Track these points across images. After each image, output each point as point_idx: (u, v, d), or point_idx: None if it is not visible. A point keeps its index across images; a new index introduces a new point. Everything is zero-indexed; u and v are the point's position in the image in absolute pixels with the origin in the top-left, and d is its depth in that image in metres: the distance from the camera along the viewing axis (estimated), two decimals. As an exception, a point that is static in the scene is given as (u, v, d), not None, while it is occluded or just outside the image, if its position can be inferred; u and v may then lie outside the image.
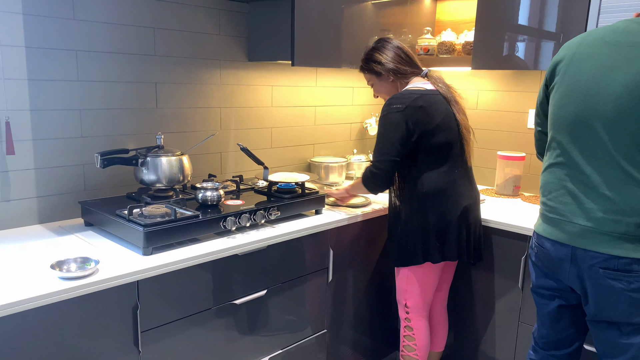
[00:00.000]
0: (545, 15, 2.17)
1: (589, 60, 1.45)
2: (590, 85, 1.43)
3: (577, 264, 1.47)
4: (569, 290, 1.56)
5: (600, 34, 1.46)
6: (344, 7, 2.24)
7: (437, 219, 1.88)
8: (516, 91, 2.59)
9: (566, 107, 1.49)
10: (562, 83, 1.51)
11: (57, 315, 1.30)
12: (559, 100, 1.51)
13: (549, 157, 1.57)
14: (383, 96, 2.02)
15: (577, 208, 1.45)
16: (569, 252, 1.48)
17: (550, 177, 1.55)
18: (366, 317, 2.30)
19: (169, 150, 1.91)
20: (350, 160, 2.76)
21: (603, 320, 1.47)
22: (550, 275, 1.58)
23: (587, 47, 1.47)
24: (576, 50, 1.49)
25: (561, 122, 1.50)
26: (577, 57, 1.48)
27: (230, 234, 1.75)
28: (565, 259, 1.49)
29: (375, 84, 2.01)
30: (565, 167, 1.49)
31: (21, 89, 1.71)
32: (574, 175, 1.47)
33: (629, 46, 1.38)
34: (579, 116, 1.45)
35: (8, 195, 1.73)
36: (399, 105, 1.82)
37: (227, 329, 1.72)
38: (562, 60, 1.53)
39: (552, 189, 1.53)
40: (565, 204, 1.49)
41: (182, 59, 2.11)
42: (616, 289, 1.40)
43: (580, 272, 1.47)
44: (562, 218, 1.49)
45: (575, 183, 1.46)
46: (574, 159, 1.47)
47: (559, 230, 1.50)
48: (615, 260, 1.39)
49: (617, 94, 1.37)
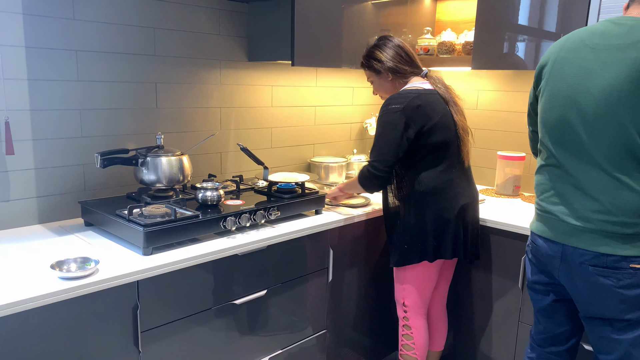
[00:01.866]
0: (545, 15, 2.17)
1: (569, 64, 1.48)
2: (570, 90, 1.46)
3: (567, 261, 1.50)
4: (562, 284, 1.59)
5: (580, 37, 1.48)
6: (344, 7, 2.24)
7: (435, 217, 1.88)
8: (516, 91, 2.59)
9: (550, 111, 1.52)
10: (547, 87, 1.55)
11: (57, 315, 1.30)
12: (545, 105, 1.55)
13: (540, 159, 1.62)
14: (382, 94, 2.02)
15: (566, 208, 1.49)
16: (560, 250, 1.51)
17: (542, 178, 1.59)
18: (366, 317, 2.30)
19: (169, 150, 1.91)
20: (350, 160, 2.76)
21: (595, 316, 1.50)
22: (543, 270, 1.62)
23: (567, 50, 1.50)
24: (558, 54, 1.52)
25: (547, 125, 1.54)
26: (558, 62, 1.51)
27: (230, 234, 1.75)
28: (556, 256, 1.53)
29: (375, 82, 2.01)
30: (555, 169, 1.53)
31: (21, 89, 1.71)
32: (562, 176, 1.51)
33: (605, 49, 1.41)
34: (561, 120, 1.49)
35: (8, 195, 1.73)
36: (397, 105, 1.83)
37: (227, 329, 1.72)
38: (546, 64, 1.57)
39: (544, 190, 1.57)
40: (555, 204, 1.52)
41: (182, 59, 2.11)
42: (606, 286, 1.43)
43: (570, 269, 1.50)
44: (553, 217, 1.53)
45: (564, 184, 1.50)
46: (560, 162, 1.51)
47: (551, 228, 1.54)
48: (604, 257, 1.42)
49: (595, 97, 1.40)
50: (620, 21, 1.43)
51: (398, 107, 1.82)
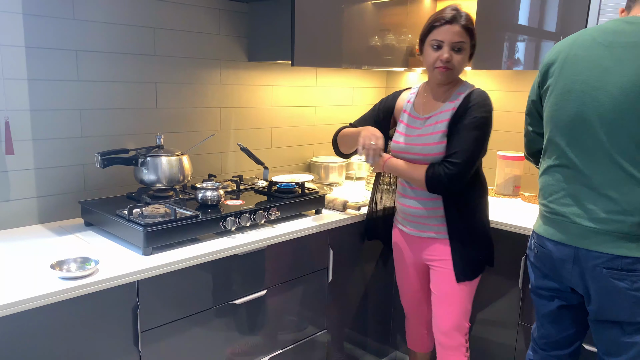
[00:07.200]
0: (545, 15, 2.17)
1: (583, 61, 1.45)
2: (586, 86, 1.43)
3: (580, 264, 1.46)
4: (569, 290, 1.56)
5: (592, 35, 1.47)
6: (344, 7, 2.24)
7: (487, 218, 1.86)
8: (516, 91, 2.59)
9: (563, 109, 1.49)
10: (557, 85, 1.51)
11: (57, 315, 1.30)
12: (555, 102, 1.52)
13: (547, 159, 1.57)
14: (453, 75, 1.71)
15: (580, 209, 1.45)
16: (572, 253, 1.47)
17: (549, 179, 1.55)
18: (366, 317, 2.30)
19: (169, 150, 1.91)
20: (350, 160, 2.76)
21: (606, 319, 1.47)
22: (550, 276, 1.58)
23: (579, 48, 1.47)
24: (569, 52, 1.50)
25: (558, 124, 1.50)
26: (570, 59, 1.48)
27: (230, 234, 1.75)
28: (568, 259, 1.49)
29: (464, 52, 1.68)
30: (565, 169, 1.49)
31: (21, 88, 1.71)
32: (574, 177, 1.47)
33: (620, 47, 1.39)
34: (576, 118, 1.45)
35: (8, 195, 1.73)
36: (491, 105, 1.71)
37: (227, 329, 1.72)
38: (554, 62, 1.53)
39: (553, 191, 1.53)
40: (567, 205, 1.48)
41: (182, 59, 2.11)
42: (620, 289, 1.40)
43: (583, 272, 1.46)
44: (565, 219, 1.48)
45: (576, 185, 1.46)
46: (573, 161, 1.47)
47: (562, 231, 1.50)
48: (619, 260, 1.39)
49: (614, 95, 1.38)
50: (633, 20, 1.42)
51: (491, 108, 1.72)
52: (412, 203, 1.82)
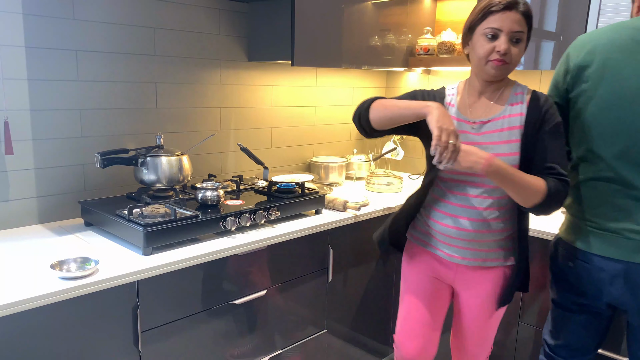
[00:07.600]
0: (545, 15, 2.17)
1: (627, 66, 1.35)
2: (636, 92, 1.34)
3: (630, 279, 1.40)
4: (604, 306, 1.50)
5: (630, 35, 1.37)
6: (344, 7, 2.24)
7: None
8: (516, 91, 2.58)
9: (608, 118, 1.38)
10: (598, 91, 1.40)
11: (57, 315, 1.30)
12: (597, 110, 1.41)
13: (586, 171, 1.47)
14: (509, 70, 1.44)
15: (631, 223, 1.38)
16: (623, 269, 1.40)
17: (592, 192, 1.46)
18: (366, 317, 2.30)
19: (169, 150, 1.91)
20: (350, 160, 2.76)
21: None
22: (587, 293, 1.50)
23: (619, 51, 1.37)
24: (607, 55, 1.38)
25: (603, 134, 1.40)
26: (611, 63, 1.38)
27: (230, 234, 1.75)
28: (619, 275, 1.41)
29: (521, 46, 1.43)
30: (611, 182, 1.41)
31: (21, 89, 1.71)
32: (622, 190, 1.39)
33: None
34: (626, 126, 1.36)
35: (8, 195, 1.73)
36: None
37: (227, 329, 1.72)
38: (589, 65, 1.42)
39: (598, 205, 1.45)
40: (616, 220, 1.41)
41: (182, 59, 2.11)
42: None
43: (633, 287, 1.40)
44: (615, 235, 1.41)
45: (625, 198, 1.39)
46: (620, 173, 1.39)
47: (612, 246, 1.42)
48: None
49: None
50: None
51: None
52: (465, 224, 1.51)
